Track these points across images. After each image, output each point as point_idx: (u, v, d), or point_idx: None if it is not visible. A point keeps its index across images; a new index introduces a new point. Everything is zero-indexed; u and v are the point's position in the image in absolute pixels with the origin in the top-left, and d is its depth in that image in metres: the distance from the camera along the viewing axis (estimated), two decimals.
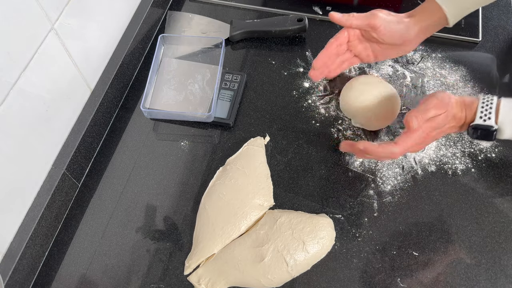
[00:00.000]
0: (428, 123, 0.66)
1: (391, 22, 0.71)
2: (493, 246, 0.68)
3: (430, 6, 0.71)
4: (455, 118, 0.67)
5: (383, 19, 0.71)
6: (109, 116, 0.83)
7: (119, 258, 0.70)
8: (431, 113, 0.66)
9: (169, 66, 0.87)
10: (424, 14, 0.71)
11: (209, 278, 0.66)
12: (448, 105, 0.66)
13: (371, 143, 0.67)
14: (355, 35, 0.75)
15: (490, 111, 0.64)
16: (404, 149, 0.66)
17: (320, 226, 0.68)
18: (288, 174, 0.76)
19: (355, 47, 0.77)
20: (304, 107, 0.83)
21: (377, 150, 0.66)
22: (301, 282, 0.67)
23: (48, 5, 0.64)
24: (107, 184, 0.77)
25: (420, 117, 0.65)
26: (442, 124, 0.66)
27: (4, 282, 0.62)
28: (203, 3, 0.99)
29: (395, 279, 0.67)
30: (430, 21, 0.71)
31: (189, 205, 0.74)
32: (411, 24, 0.71)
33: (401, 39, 0.72)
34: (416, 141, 0.66)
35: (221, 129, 0.82)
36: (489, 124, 0.64)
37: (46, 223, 0.70)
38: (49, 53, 0.66)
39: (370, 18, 0.71)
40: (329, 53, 0.76)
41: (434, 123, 0.66)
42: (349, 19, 0.73)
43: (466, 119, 0.67)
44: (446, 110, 0.66)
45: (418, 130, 0.66)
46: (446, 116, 0.66)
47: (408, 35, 0.72)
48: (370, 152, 0.67)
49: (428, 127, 0.66)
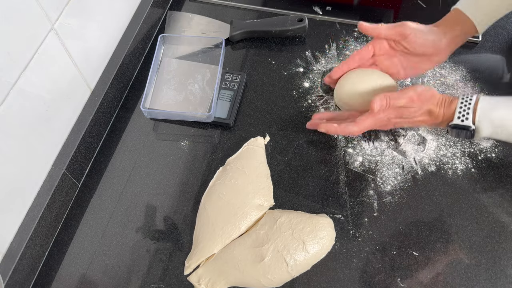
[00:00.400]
0: (394, 111, 0.67)
1: (421, 30, 0.71)
2: (493, 246, 0.68)
3: (457, 15, 0.71)
4: (430, 114, 0.67)
5: (412, 28, 0.70)
6: (109, 116, 0.83)
7: (119, 258, 0.70)
8: (401, 102, 0.67)
9: (169, 66, 0.87)
10: (453, 24, 0.71)
11: (209, 278, 0.66)
12: (424, 101, 0.66)
13: (332, 125, 0.71)
14: (382, 49, 0.74)
15: (468, 112, 0.64)
16: (362, 129, 0.69)
17: (320, 226, 0.68)
18: (288, 174, 0.76)
19: (382, 62, 0.75)
20: (304, 107, 0.83)
21: (337, 130, 0.71)
22: (301, 282, 0.67)
23: (48, 5, 0.64)
24: (107, 184, 0.77)
25: (385, 102, 0.67)
26: (410, 116, 0.67)
27: (4, 282, 0.62)
28: (203, 3, 0.99)
29: (395, 279, 0.67)
30: (459, 30, 0.71)
31: (189, 205, 0.74)
32: (441, 33, 0.71)
33: (433, 48, 0.71)
34: (376, 123, 0.69)
35: (221, 129, 0.82)
36: (467, 124, 0.64)
37: (46, 223, 0.70)
38: (49, 53, 0.66)
39: (399, 27, 0.71)
40: (350, 65, 0.75)
41: (400, 113, 0.67)
42: (378, 27, 0.72)
43: (444, 117, 0.67)
44: (420, 104, 0.66)
45: (379, 114, 0.67)
46: (417, 110, 0.67)
47: (440, 44, 0.71)
48: (332, 133, 0.73)
49: (392, 113, 0.67)
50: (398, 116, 0.68)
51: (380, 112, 0.67)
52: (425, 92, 0.67)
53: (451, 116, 0.66)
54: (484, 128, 0.64)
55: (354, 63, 0.75)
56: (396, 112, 0.67)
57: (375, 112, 0.68)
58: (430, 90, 0.67)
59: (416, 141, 0.78)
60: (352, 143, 0.78)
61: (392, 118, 0.68)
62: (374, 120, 0.68)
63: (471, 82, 0.84)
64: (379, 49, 0.74)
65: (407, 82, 0.84)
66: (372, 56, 0.75)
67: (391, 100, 0.67)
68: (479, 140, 0.66)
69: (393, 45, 0.73)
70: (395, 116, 0.68)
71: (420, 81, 0.84)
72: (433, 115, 0.67)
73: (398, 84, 0.82)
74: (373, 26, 0.72)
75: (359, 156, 0.77)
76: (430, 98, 0.67)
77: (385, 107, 0.67)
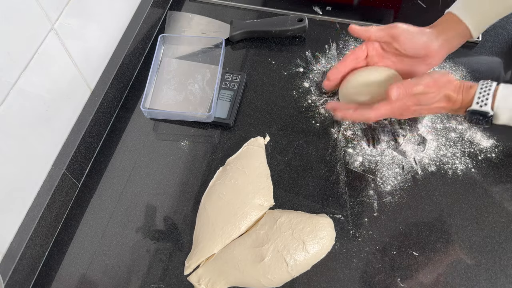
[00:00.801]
0: (412, 98, 0.66)
1: (413, 32, 0.70)
2: (493, 246, 0.68)
3: (451, 18, 0.70)
4: (448, 100, 0.66)
5: (403, 29, 0.70)
6: (109, 116, 0.83)
7: (119, 258, 0.70)
8: (419, 89, 0.66)
9: (169, 66, 0.87)
10: (446, 26, 0.70)
11: (209, 278, 0.66)
12: (442, 87, 0.65)
13: (347, 110, 0.70)
14: (375, 50, 0.73)
15: (487, 97, 0.64)
16: (378, 116, 0.68)
17: (320, 226, 0.68)
18: (288, 174, 0.76)
19: (375, 63, 0.75)
20: (304, 107, 0.83)
21: (352, 116, 0.69)
22: (301, 282, 0.67)
23: (48, 5, 0.64)
24: (107, 184, 0.77)
25: (403, 90, 0.66)
26: (428, 102, 0.66)
27: (4, 282, 0.62)
28: (203, 3, 0.99)
29: (395, 279, 0.67)
30: (452, 33, 0.70)
31: (189, 205, 0.74)
32: (433, 35, 0.70)
33: (424, 50, 0.70)
34: (393, 111, 0.68)
35: (221, 129, 0.82)
36: (485, 110, 0.64)
37: (46, 223, 0.70)
38: (49, 53, 0.66)
39: (390, 28, 0.70)
40: (345, 65, 0.74)
41: (418, 99, 0.66)
42: (368, 30, 0.71)
43: (463, 102, 0.66)
44: (437, 90, 0.65)
45: (396, 102, 0.66)
46: (435, 95, 0.66)
47: (431, 46, 0.70)
48: (348, 119, 0.72)
49: (410, 100, 0.66)
50: (416, 103, 0.67)
51: (397, 100, 0.66)
52: (441, 77, 0.66)
53: (470, 102, 0.65)
54: (502, 114, 0.63)
55: (350, 62, 0.74)
56: (414, 99, 0.66)
57: (392, 100, 0.66)
58: (447, 75, 0.66)
59: (416, 141, 0.78)
60: (352, 143, 0.78)
61: (410, 106, 0.67)
62: (391, 108, 0.67)
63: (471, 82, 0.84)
64: (372, 49, 0.73)
65: None
66: (366, 57, 0.74)
67: (408, 88, 0.66)
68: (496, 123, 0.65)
69: (385, 47, 0.73)
70: (413, 104, 0.67)
71: None
72: (451, 100, 0.66)
73: None
74: (364, 29, 0.72)
75: (359, 156, 0.77)
76: (447, 83, 0.66)
77: (402, 95, 0.66)
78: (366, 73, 0.73)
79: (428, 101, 0.66)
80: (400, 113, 0.69)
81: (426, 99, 0.66)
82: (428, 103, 0.67)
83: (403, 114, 0.69)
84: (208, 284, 0.66)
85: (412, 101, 0.67)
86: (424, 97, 0.66)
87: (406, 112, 0.69)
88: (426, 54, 0.71)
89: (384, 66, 0.74)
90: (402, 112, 0.68)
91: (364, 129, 0.80)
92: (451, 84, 0.66)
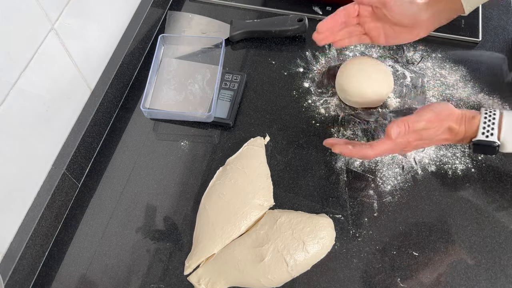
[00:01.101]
0: (413, 134, 0.65)
1: (403, 1, 0.69)
2: (493, 246, 0.68)
3: None
4: (450, 132, 0.66)
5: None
6: (109, 116, 0.83)
7: (119, 258, 0.70)
8: (420, 125, 0.65)
9: (169, 66, 0.87)
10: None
11: (209, 278, 0.66)
12: (443, 120, 0.65)
13: (346, 147, 0.68)
14: (366, 11, 0.72)
15: (493, 127, 0.63)
16: (377, 154, 0.67)
17: (320, 226, 0.68)
18: (288, 174, 0.76)
19: (366, 24, 0.73)
20: (304, 107, 0.83)
21: (351, 153, 0.68)
22: (301, 282, 0.67)
23: (48, 5, 0.64)
24: (107, 184, 0.77)
25: (403, 128, 0.65)
26: (431, 137, 0.66)
27: (4, 282, 0.62)
28: (203, 3, 0.99)
29: (395, 279, 0.67)
30: (443, 6, 0.69)
31: (189, 205, 0.74)
32: (423, 6, 0.69)
33: (412, 20, 0.69)
34: (394, 148, 0.67)
35: (221, 129, 0.82)
36: (492, 140, 0.63)
37: (46, 223, 0.70)
38: (49, 53, 0.66)
39: None
40: (336, 19, 0.72)
41: (419, 135, 0.66)
42: None
43: (466, 133, 0.65)
44: (439, 124, 0.65)
45: (397, 139, 0.65)
46: (437, 129, 0.65)
47: (420, 17, 0.69)
48: (347, 155, 0.69)
49: (411, 137, 0.66)
50: (417, 138, 0.66)
51: (396, 139, 0.66)
52: (443, 110, 0.65)
53: (474, 133, 0.64)
54: (509, 143, 0.63)
55: (340, 18, 0.72)
56: (416, 135, 0.66)
57: (391, 139, 0.66)
58: (448, 107, 0.66)
59: None
60: None
61: (412, 142, 0.66)
62: (392, 145, 0.66)
63: (471, 82, 0.84)
64: (364, 10, 0.72)
65: (407, 82, 0.84)
66: (357, 15, 0.73)
67: (409, 124, 0.65)
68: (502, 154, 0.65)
69: (375, 10, 0.71)
70: (415, 139, 0.66)
71: (420, 81, 0.84)
72: (453, 132, 0.66)
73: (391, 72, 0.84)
74: None
75: None
76: (449, 116, 0.65)
77: (403, 132, 0.65)
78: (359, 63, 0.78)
79: (430, 135, 0.66)
80: (402, 149, 0.68)
81: (428, 134, 0.66)
82: (431, 138, 0.66)
83: (405, 150, 0.69)
84: (208, 284, 0.66)
85: (413, 137, 0.66)
86: (427, 132, 0.65)
87: (407, 148, 0.68)
88: (413, 24, 0.70)
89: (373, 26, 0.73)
90: (403, 148, 0.68)
91: (364, 129, 0.80)
92: (452, 115, 0.65)
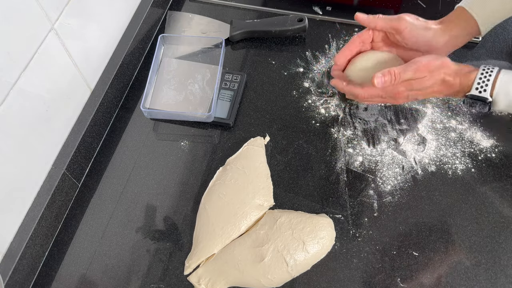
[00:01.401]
0: (402, 83, 0.66)
1: (418, 27, 0.70)
2: (493, 246, 0.68)
3: (460, 14, 0.70)
4: (444, 84, 0.66)
5: (409, 23, 0.70)
6: (109, 116, 0.83)
7: (119, 258, 0.70)
8: (408, 75, 0.66)
9: (169, 66, 0.87)
10: (455, 23, 0.70)
11: (209, 278, 0.66)
12: (434, 71, 0.65)
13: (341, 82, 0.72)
14: (380, 36, 0.74)
15: (487, 83, 0.63)
16: (366, 96, 0.69)
17: (320, 226, 0.68)
18: (288, 174, 0.76)
19: (379, 49, 0.75)
20: (304, 107, 0.83)
21: (344, 88, 0.72)
22: (301, 282, 0.67)
23: (48, 5, 0.64)
24: (107, 184, 0.77)
25: (388, 77, 0.66)
26: (422, 87, 0.66)
27: (4, 282, 0.62)
28: (203, 3, 0.99)
29: (395, 279, 0.67)
30: (460, 30, 0.70)
31: (189, 205, 0.74)
32: (439, 31, 0.70)
33: (427, 46, 0.70)
34: (382, 95, 0.68)
35: (221, 129, 0.82)
36: (484, 96, 0.63)
37: (46, 223, 0.70)
38: (49, 53, 0.66)
39: (395, 21, 0.70)
40: (351, 49, 0.74)
41: (410, 85, 0.66)
42: (374, 20, 0.71)
43: (461, 86, 0.65)
44: (429, 74, 0.65)
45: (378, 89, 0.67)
46: (427, 79, 0.65)
47: (436, 43, 0.70)
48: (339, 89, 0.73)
49: (401, 87, 0.67)
50: (408, 88, 0.67)
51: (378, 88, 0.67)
52: (432, 61, 0.66)
53: (469, 87, 0.65)
54: (500, 100, 0.63)
55: (355, 47, 0.74)
56: (406, 84, 0.66)
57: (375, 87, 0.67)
58: (440, 59, 0.66)
59: (416, 141, 0.78)
60: (352, 143, 0.78)
61: (402, 91, 0.67)
62: (380, 91, 0.67)
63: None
64: (377, 35, 0.74)
65: None
66: (371, 41, 0.75)
67: (395, 74, 0.66)
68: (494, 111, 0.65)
69: (389, 36, 0.73)
70: (405, 89, 0.67)
71: None
72: (447, 84, 0.66)
73: None
74: (370, 19, 0.72)
75: (359, 156, 0.77)
76: (441, 67, 0.65)
77: (389, 82, 0.66)
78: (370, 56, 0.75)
79: (421, 85, 0.66)
80: (392, 98, 0.69)
81: (418, 83, 0.66)
82: (422, 88, 0.66)
83: (396, 99, 0.69)
84: (208, 284, 0.66)
85: (403, 87, 0.67)
86: (416, 82, 0.66)
87: (399, 97, 0.69)
88: (428, 50, 0.71)
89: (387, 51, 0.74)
90: (393, 96, 0.68)
91: (364, 129, 0.80)
92: (446, 68, 0.66)
